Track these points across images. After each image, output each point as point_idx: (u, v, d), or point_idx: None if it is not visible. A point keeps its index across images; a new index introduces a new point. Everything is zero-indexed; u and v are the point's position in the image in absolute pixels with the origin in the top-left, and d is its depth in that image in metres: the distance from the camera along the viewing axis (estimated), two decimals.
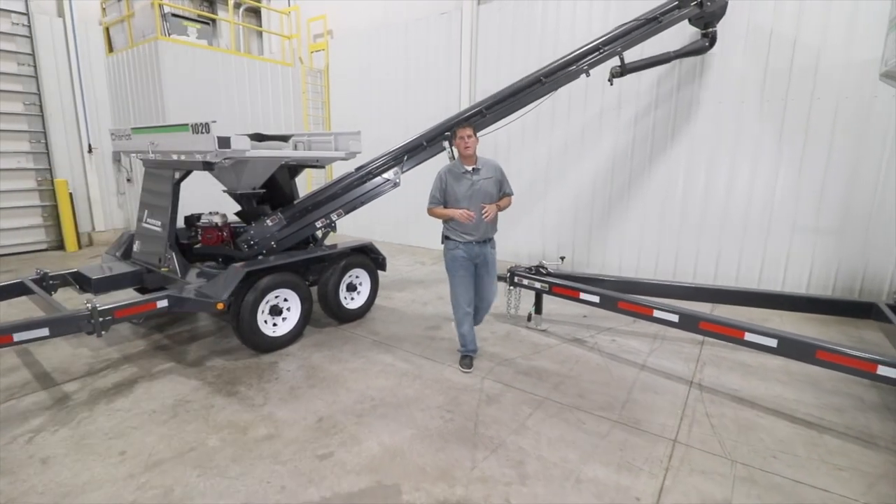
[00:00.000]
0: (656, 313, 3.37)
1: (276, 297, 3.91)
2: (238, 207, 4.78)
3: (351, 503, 2.20)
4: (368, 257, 4.74)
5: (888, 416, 2.98)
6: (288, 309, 4.01)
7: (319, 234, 4.74)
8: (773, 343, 2.86)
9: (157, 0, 6.78)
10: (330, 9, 8.85)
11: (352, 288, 4.62)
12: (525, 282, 4.27)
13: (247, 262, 3.84)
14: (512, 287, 4.36)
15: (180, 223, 4.57)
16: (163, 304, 3.56)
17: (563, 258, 4.44)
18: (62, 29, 7.92)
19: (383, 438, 2.70)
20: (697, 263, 5.67)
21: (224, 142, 3.47)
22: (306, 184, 8.47)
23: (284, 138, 4.72)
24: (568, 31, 6.17)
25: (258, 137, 4.34)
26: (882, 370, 2.53)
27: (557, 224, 6.71)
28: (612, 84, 4.95)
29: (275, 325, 3.92)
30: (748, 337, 2.95)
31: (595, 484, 2.33)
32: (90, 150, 8.23)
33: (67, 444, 2.66)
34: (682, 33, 5.20)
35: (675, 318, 3.28)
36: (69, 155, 8.11)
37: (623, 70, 4.79)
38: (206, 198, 4.81)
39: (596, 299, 3.74)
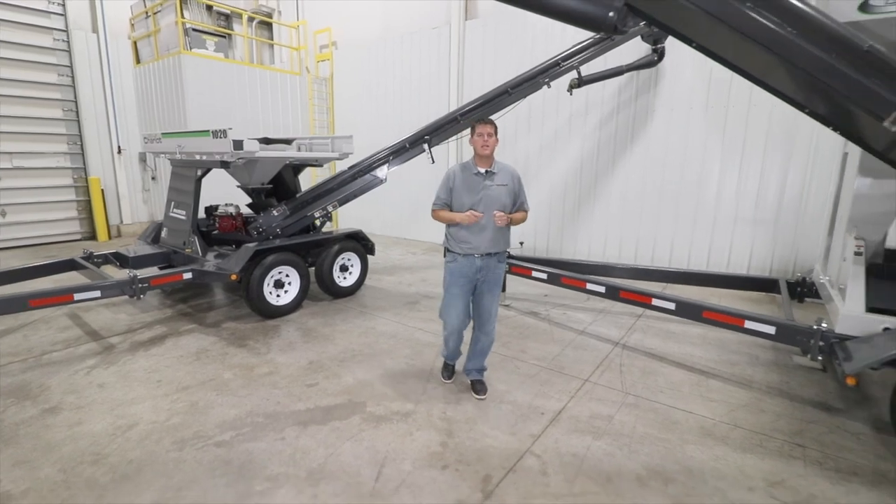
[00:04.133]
0: (588, 286, 4.08)
1: (280, 272, 4.69)
2: (249, 200, 5.61)
3: (328, 412, 2.96)
4: (359, 243, 5.50)
5: (773, 370, 3.64)
6: (289, 283, 4.79)
7: (318, 222, 5.52)
8: (672, 306, 3.55)
9: (181, 18, 7.67)
10: (334, 22, 9.69)
11: (344, 269, 5.39)
12: None
13: (256, 243, 4.64)
14: None
15: (201, 213, 5.40)
16: (188, 275, 4.38)
17: (521, 243, 5.14)
18: (96, 43, 8.87)
19: (358, 375, 3.46)
20: (655, 250, 6.33)
21: (238, 144, 4.27)
22: (310, 180, 9.30)
23: (288, 141, 5.51)
24: (543, 43, 6.87)
25: (266, 141, 5.14)
26: (748, 324, 3.20)
27: (534, 217, 7.36)
28: (571, 94, 5.66)
29: (278, 296, 4.71)
30: (654, 302, 3.64)
31: (514, 405, 3.06)
32: (119, 151, 9.18)
33: (116, 376, 3.46)
34: (638, 48, 5.88)
35: (602, 289, 3.99)
36: (101, 155, 9.05)
37: (580, 82, 5.49)
38: (223, 191, 5.65)
39: (544, 276, 4.46)
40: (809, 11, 1.98)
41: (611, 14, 2.09)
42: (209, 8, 8.97)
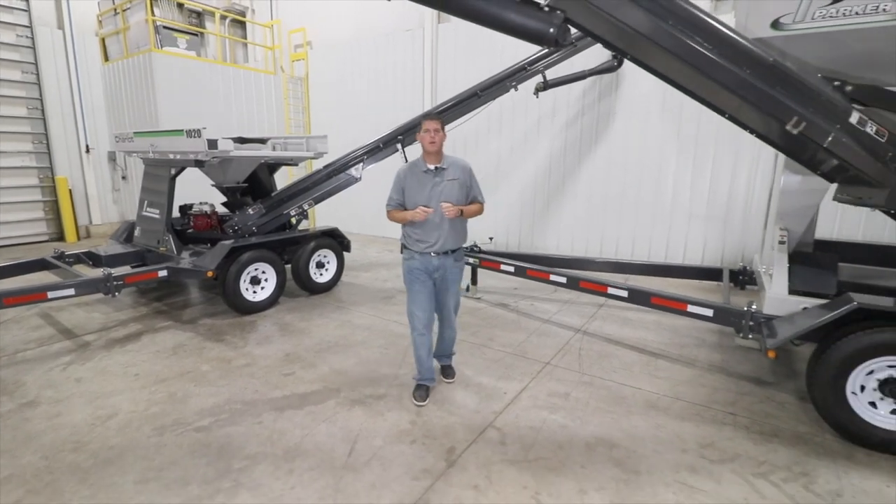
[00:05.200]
0: (552, 277, 4.35)
1: (256, 269, 4.80)
2: (224, 199, 5.68)
3: (304, 398, 3.13)
4: (335, 240, 5.65)
5: (716, 351, 3.99)
6: (266, 280, 4.90)
7: (294, 220, 5.63)
8: (625, 294, 3.85)
9: (151, 16, 7.62)
10: (309, 22, 9.74)
11: (320, 265, 5.53)
12: None
13: (232, 240, 4.73)
14: None
15: (175, 212, 5.44)
16: (163, 273, 4.45)
17: (491, 238, 5.40)
18: (62, 40, 8.68)
19: (333, 364, 3.63)
20: (618, 245, 6.70)
21: (212, 144, 4.37)
22: (286, 179, 9.33)
23: (263, 140, 5.60)
24: (512, 48, 7.10)
25: (240, 140, 5.23)
26: (690, 308, 3.52)
27: (507, 215, 7.69)
28: (537, 97, 5.95)
29: (254, 292, 4.82)
30: (610, 290, 3.94)
31: (479, 387, 3.29)
32: (88, 150, 9.01)
33: (93, 371, 3.53)
34: (602, 53, 6.22)
35: (563, 280, 4.26)
36: (68, 154, 8.86)
37: (546, 85, 5.78)
38: (198, 190, 5.70)
39: (511, 269, 4.71)
40: (723, 30, 2.28)
41: (551, 30, 2.34)
42: (180, 6, 8.90)
